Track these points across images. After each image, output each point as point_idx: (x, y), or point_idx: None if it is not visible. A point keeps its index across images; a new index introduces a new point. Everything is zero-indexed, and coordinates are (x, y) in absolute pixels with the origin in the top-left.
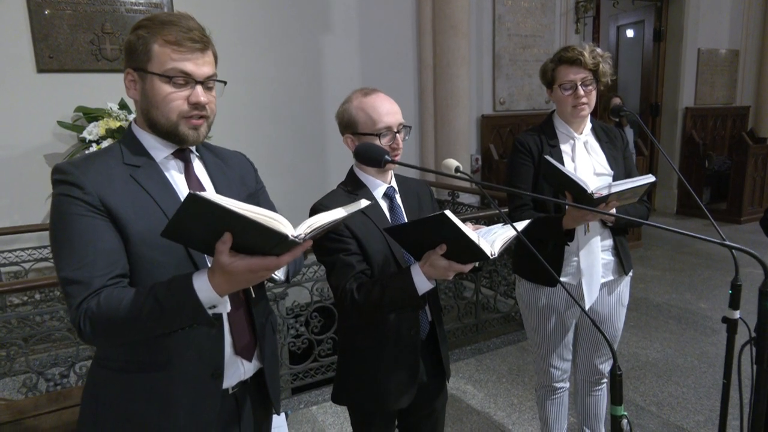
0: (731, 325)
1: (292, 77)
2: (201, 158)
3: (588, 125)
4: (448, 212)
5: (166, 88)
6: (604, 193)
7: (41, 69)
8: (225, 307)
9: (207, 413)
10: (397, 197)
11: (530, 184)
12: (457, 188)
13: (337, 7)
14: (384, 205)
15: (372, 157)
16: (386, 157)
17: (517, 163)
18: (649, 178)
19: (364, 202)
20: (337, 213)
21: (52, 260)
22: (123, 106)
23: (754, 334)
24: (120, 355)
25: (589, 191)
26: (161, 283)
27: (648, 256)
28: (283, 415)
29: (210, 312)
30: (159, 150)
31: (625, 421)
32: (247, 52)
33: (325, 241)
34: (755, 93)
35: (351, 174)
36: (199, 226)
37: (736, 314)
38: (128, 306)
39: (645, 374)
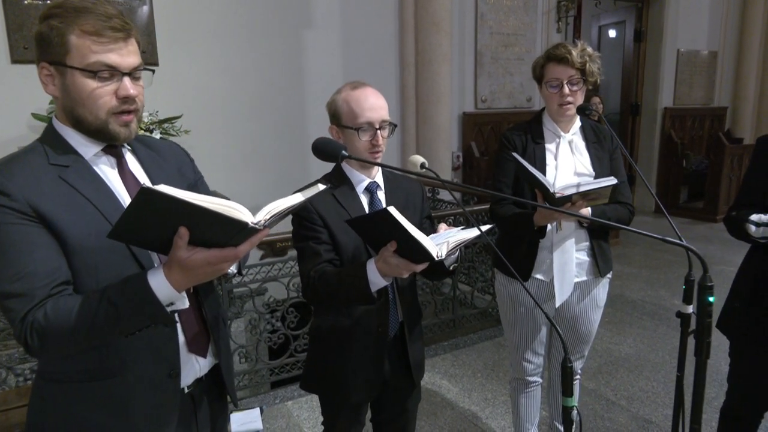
0: (684, 320)
1: (273, 72)
2: (133, 152)
3: (577, 124)
4: (391, 209)
5: (91, 84)
6: (567, 193)
7: (16, 60)
8: (183, 302)
9: (165, 413)
10: (380, 193)
11: (512, 180)
12: (435, 185)
13: (319, 3)
14: (364, 200)
15: (327, 152)
16: (343, 152)
17: (501, 159)
18: (611, 180)
19: (321, 186)
20: (295, 198)
21: None
22: None
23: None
24: (68, 366)
25: (552, 191)
26: (113, 285)
27: (625, 254)
28: (257, 409)
29: (168, 309)
30: (87, 147)
31: (575, 411)
32: (227, 46)
33: (299, 228)
34: (733, 94)
35: (337, 166)
36: (151, 222)
37: (689, 309)
38: (80, 314)
39: (617, 369)
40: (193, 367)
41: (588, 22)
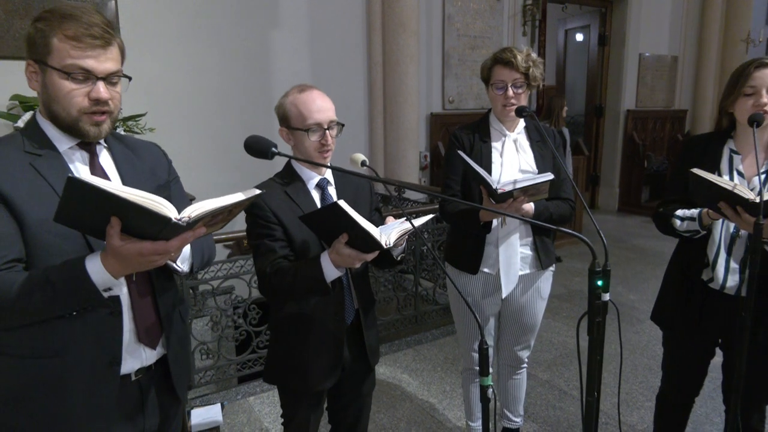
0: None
1: (239, 71)
2: (109, 149)
3: (521, 124)
4: (341, 202)
5: (66, 84)
6: (507, 188)
7: None
8: (120, 288)
9: (104, 400)
10: (331, 189)
11: (461, 177)
12: (405, 185)
13: (286, 3)
14: (316, 196)
15: (258, 150)
16: (273, 149)
17: (451, 157)
18: (548, 176)
19: (253, 192)
20: (228, 199)
21: None
22: None
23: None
24: (14, 341)
25: (495, 187)
26: (54, 266)
27: (586, 252)
28: (218, 405)
29: (106, 294)
30: (62, 141)
31: (490, 390)
32: (193, 44)
33: (253, 226)
34: (692, 97)
35: (287, 165)
36: (85, 210)
37: (606, 296)
38: (20, 289)
39: (572, 361)
40: (140, 356)
41: (554, 25)
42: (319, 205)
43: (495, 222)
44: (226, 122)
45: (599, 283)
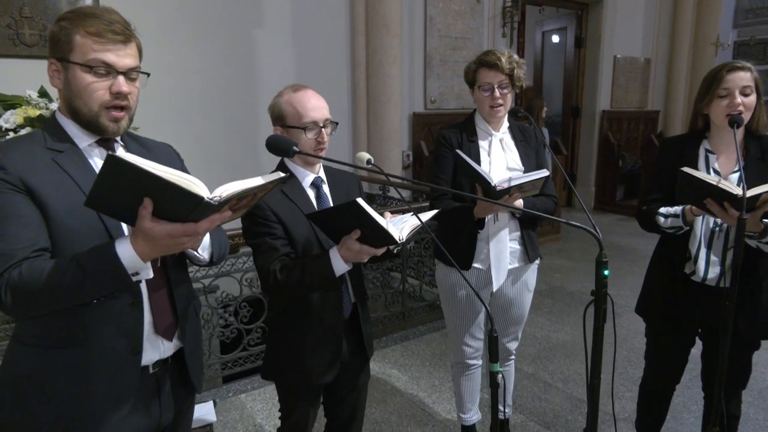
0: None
1: (224, 70)
2: (126, 147)
3: (505, 124)
4: (360, 200)
5: (88, 78)
6: (506, 186)
7: None
8: (147, 273)
9: (125, 389)
10: (325, 187)
11: (450, 176)
12: (389, 183)
13: (271, 2)
14: (311, 194)
15: (280, 148)
16: (294, 148)
17: (439, 156)
18: (544, 173)
19: (280, 174)
20: (253, 181)
21: None
22: (43, 93)
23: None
24: (38, 330)
25: (493, 184)
26: (83, 251)
27: (565, 249)
28: (210, 402)
29: (133, 279)
30: (82, 138)
31: (500, 375)
32: (176, 42)
33: (252, 225)
34: (665, 98)
35: (281, 164)
36: (119, 191)
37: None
38: (51, 274)
39: (555, 355)
40: (158, 348)
41: (532, 27)
42: (315, 203)
43: (488, 218)
44: (210, 121)
45: (606, 272)
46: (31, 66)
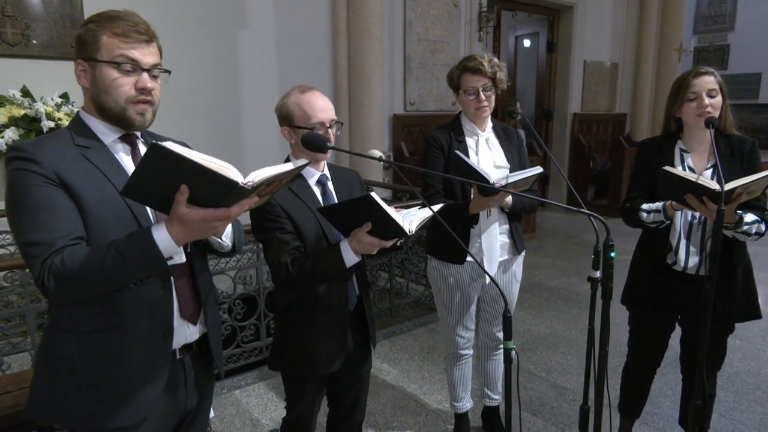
0: (594, 282)
1: (207, 71)
2: (146, 144)
3: (489, 124)
4: (373, 194)
5: (114, 74)
6: (503, 183)
7: None
8: (180, 257)
9: (158, 370)
10: (329, 184)
11: (441, 175)
12: (371, 182)
13: (254, 5)
14: (317, 191)
15: (317, 145)
16: (327, 144)
17: (430, 156)
18: (538, 169)
19: (305, 161)
20: (283, 167)
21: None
22: (26, 93)
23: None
24: (75, 318)
25: (492, 181)
26: (121, 238)
27: (541, 246)
28: None
29: (168, 263)
30: (107, 134)
31: (513, 352)
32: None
33: (262, 221)
34: (631, 102)
35: (287, 162)
36: (159, 179)
37: (597, 274)
38: (91, 260)
39: (537, 347)
40: (185, 332)
41: (506, 32)
42: (321, 200)
43: (481, 213)
44: (194, 122)
45: (612, 254)
46: (14, 65)
